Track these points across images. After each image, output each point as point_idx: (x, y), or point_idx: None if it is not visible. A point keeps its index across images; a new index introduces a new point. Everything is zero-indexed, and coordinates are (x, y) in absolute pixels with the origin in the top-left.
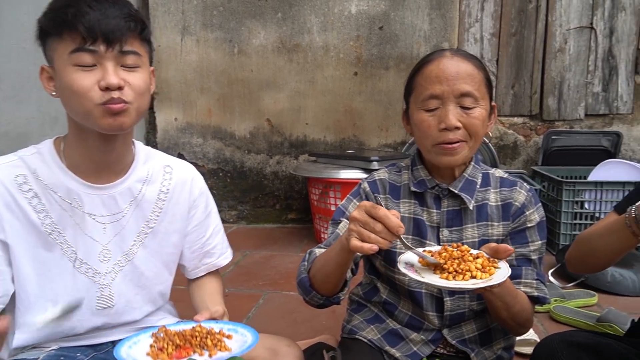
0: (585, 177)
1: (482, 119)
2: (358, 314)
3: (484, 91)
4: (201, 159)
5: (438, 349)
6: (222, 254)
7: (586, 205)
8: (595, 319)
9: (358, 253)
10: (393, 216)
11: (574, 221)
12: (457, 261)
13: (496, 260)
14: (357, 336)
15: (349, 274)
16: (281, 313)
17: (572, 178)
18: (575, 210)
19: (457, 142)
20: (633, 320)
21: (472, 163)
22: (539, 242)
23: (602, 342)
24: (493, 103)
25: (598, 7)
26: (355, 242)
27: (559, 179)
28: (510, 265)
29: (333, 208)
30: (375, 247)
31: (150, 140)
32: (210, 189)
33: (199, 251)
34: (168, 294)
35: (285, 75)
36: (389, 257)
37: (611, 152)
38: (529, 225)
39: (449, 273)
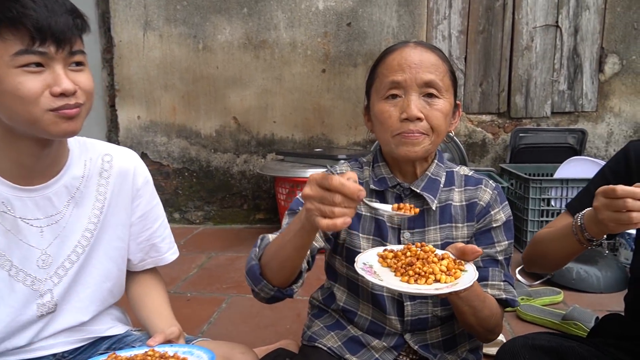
0: (551, 174)
1: (446, 112)
2: (319, 320)
3: (448, 83)
4: (166, 158)
5: (401, 356)
6: (170, 249)
7: (552, 203)
8: (561, 317)
9: (328, 233)
10: (349, 181)
11: (541, 218)
12: (420, 262)
13: (463, 262)
14: (316, 344)
15: (304, 264)
16: (244, 317)
17: (539, 175)
18: (542, 208)
19: (418, 133)
20: (597, 317)
21: (436, 161)
22: (506, 242)
23: (564, 345)
24: (458, 101)
25: (563, 5)
26: (323, 221)
27: (526, 176)
28: (477, 267)
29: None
30: (348, 220)
31: (112, 140)
32: (175, 189)
33: (145, 243)
34: (119, 291)
35: (251, 72)
36: (350, 256)
37: (577, 149)
38: (494, 225)
39: (410, 276)
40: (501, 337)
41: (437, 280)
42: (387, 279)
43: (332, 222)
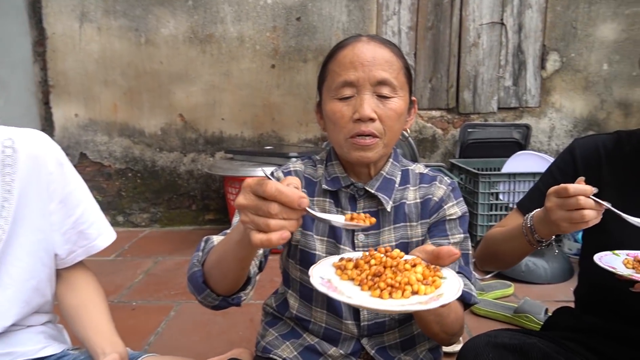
0: (499, 169)
1: (400, 111)
2: (273, 328)
3: (402, 80)
4: (107, 158)
5: None
6: (101, 234)
7: (501, 197)
8: (513, 310)
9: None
10: (288, 187)
11: (490, 212)
12: (389, 271)
13: (438, 267)
14: (271, 355)
15: (253, 269)
16: (194, 326)
17: (487, 170)
18: (491, 202)
19: (370, 135)
20: (546, 309)
21: (391, 160)
22: (461, 235)
23: (526, 342)
24: (413, 97)
25: (508, 3)
26: (256, 236)
27: (475, 171)
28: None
29: None
30: (286, 234)
31: None
32: (118, 190)
33: (71, 232)
34: (47, 289)
35: (198, 68)
36: (304, 259)
37: (522, 143)
38: (448, 218)
39: (382, 289)
40: None
41: (415, 292)
42: (355, 295)
43: (266, 238)
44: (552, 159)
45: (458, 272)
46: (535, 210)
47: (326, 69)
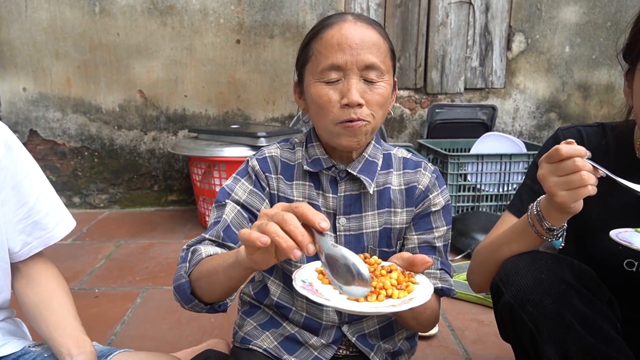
0: (466, 150)
1: (387, 95)
2: (250, 318)
3: (389, 64)
4: (60, 136)
5: (340, 351)
6: (59, 223)
7: (469, 178)
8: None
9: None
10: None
11: (458, 193)
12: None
13: (412, 273)
14: (250, 346)
15: None
16: (162, 313)
17: (454, 150)
18: (460, 183)
19: (359, 120)
20: None
21: (373, 142)
22: (444, 227)
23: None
24: (395, 78)
25: None
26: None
27: (444, 152)
28: (414, 254)
29: (219, 189)
30: (298, 254)
31: None
32: (74, 170)
33: (25, 222)
34: (4, 287)
35: (158, 41)
36: None
37: (488, 125)
38: (433, 209)
39: None
40: None
41: (389, 296)
42: (333, 298)
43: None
44: (519, 141)
45: (440, 269)
46: (540, 197)
47: (310, 49)
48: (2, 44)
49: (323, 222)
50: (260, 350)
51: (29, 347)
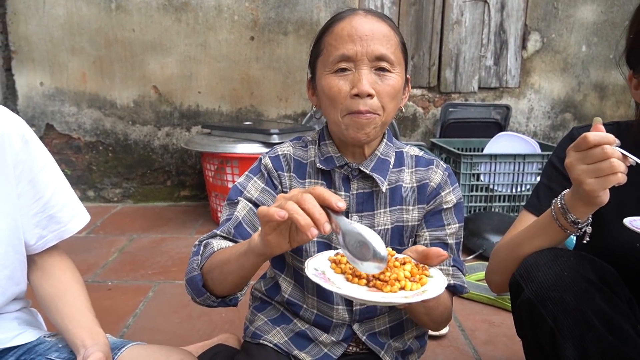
0: (479, 149)
1: (398, 88)
2: (261, 313)
3: (400, 56)
4: (76, 130)
5: (350, 348)
6: (74, 217)
7: (482, 177)
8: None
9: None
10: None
11: (471, 193)
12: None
13: (426, 266)
14: (261, 341)
15: None
16: (174, 307)
17: (467, 150)
18: (472, 183)
19: (368, 113)
20: None
21: (385, 140)
22: (456, 224)
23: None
24: (408, 75)
25: None
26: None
27: (458, 151)
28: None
29: (231, 185)
30: (314, 232)
31: (10, 108)
32: (89, 164)
33: (40, 216)
34: (22, 277)
35: (173, 37)
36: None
37: (501, 124)
38: (445, 207)
39: (369, 281)
40: None
41: (402, 288)
42: (344, 287)
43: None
44: (534, 142)
45: (452, 265)
46: (565, 190)
47: (321, 43)
48: (20, 39)
49: (340, 203)
50: (271, 345)
51: (44, 337)
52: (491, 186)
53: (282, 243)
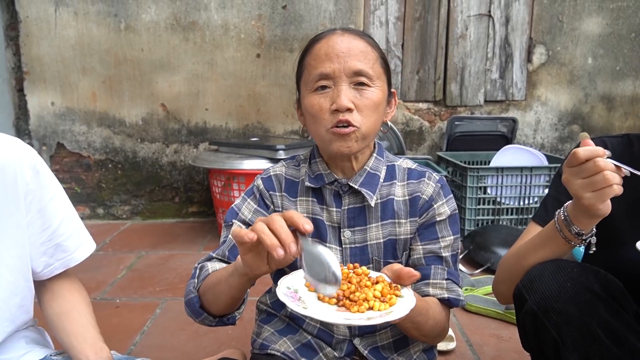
0: (485, 162)
1: (378, 101)
2: (268, 325)
3: (379, 71)
4: (86, 149)
5: None
6: (80, 246)
7: (489, 191)
8: (504, 306)
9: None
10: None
11: (478, 206)
12: (352, 287)
13: (399, 286)
14: (269, 350)
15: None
16: (181, 323)
17: (474, 163)
18: (479, 196)
19: (348, 125)
20: None
21: (375, 155)
22: (451, 237)
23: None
24: (393, 89)
25: None
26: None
27: (464, 164)
28: (419, 265)
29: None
30: (280, 252)
31: (22, 128)
32: (98, 182)
33: (48, 244)
34: (30, 306)
35: (180, 56)
36: (293, 262)
37: (508, 137)
38: (438, 219)
39: (339, 301)
40: (450, 332)
41: (370, 308)
42: (313, 307)
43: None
44: (541, 154)
45: (447, 279)
46: (567, 202)
47: (302, 64)
48: (33, 60)
49: (307, 225)
50: (279, 354)
51: (51, 355)
52: (498, 199)
53: (260, 264)
